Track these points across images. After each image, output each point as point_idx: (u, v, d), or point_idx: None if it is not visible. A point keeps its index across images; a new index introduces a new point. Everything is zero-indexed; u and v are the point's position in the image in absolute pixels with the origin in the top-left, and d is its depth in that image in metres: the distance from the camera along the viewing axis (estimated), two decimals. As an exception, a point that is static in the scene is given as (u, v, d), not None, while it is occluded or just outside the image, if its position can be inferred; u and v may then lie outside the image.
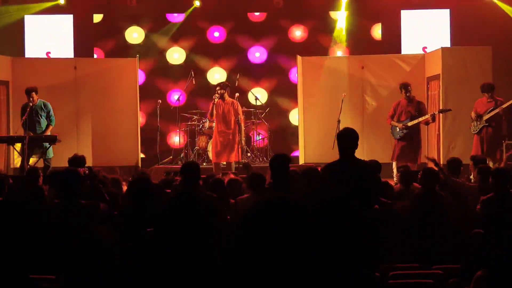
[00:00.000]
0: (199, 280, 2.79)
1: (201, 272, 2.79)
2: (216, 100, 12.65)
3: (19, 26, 15.70)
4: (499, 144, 12.11)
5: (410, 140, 12.37)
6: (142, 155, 15.12)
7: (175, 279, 2.81)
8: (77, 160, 9.31)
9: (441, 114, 13.11)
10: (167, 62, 16.88)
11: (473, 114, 11.98)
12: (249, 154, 14.84)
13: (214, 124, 13.24)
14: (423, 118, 12.33)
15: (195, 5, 16.00)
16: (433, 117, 12.50)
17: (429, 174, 7.45)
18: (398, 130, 12.43)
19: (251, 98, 15.81)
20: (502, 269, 4.12)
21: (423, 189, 7.40)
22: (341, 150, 6.52)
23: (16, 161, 13.24)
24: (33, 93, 12.51)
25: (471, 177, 9.90)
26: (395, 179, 11.66)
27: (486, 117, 11.76)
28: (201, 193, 6.59)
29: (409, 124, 12.31)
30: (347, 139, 6.50)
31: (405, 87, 12.53)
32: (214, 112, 12.74)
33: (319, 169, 7.69)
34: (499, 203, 6.94)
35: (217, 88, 12.75)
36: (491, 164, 11.12)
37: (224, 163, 13.10)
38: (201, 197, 3.03)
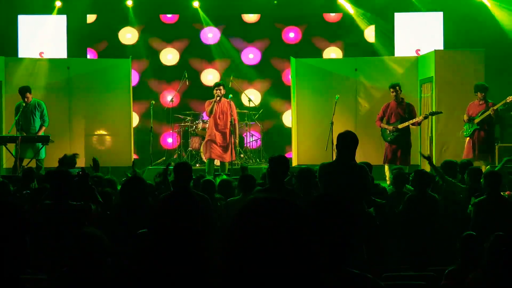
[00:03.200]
0: (193, 278, 2.79)
1: (195, 270, 2.78)
2: (218, 98, 12.66)
3: (13, 26, 15.65)
4: (491, 147, 12.13)
5: (401, 143, 12.36)
6: (135, 156, 15.09)
7: (168, 278, 2.81)
8: (67, 160, 9.29)
9: (433, 117, 13.14)
10: (161, 63, 16.86)
11: (465, 117, 11.99)
12: (242, 155, 14.84)
13: (207, 124, 13.21)
14: (416, 120, 12.34)
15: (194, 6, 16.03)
16: (425, 118, 12.60)
17: (421, 176, 7.46)
18: (388, 132, 12.43)
19: (244, 100, 15.81)
20: (494, 270, 4.13)
21: (416, 191, 7.42)
22: (340, 152, 6.48)
23: (8, 161, 13.20)
24: (27, 93, 12.51)
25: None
26: (388, 182, 11.66)
27: (477, 120, 11.77)
28: (194, 192, 6.59)
29: (400, 126, 12.31)
30: (348, 142, 6.46)
31: (392, 87, 12.51)
32: (213, 110, 12.74)
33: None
34: (491, 206, 6.96)
35: (220, 87, 12.72)
36: (483, 168, 11.13)
37: (218, 164, 13.09)
38: (195, 196, 3.03)
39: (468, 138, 11.97)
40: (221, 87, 12.72)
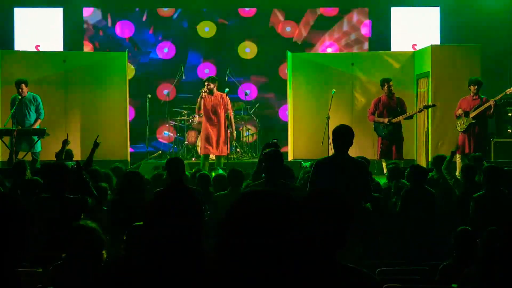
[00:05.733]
0: (188, 271, 2.79)
1: (190, 263, 2.79)
2: (204, 94, 12.61)
3: (9, 19, 15.61)
4: (487, 142, 12.15)
5: (395, 137, 12.38)
6: (131, 150, 15.07)
7: (164, 273, 2.81)
8: (63, 154, 9.26)
9: (429, 111, 13.16)
10: (158, 56, 16.83)
11: (460, 111, 11.91)
12: (238, 150, 14.84)
13: (202, 118, 13.20)
14: (410, 113, 12.47)
15: None
16: (420, 111, 12.77)
17: (416, 170, 7.47)
18: (382, 127, 12.45)
19: (241, 94, 15.80)
20: (489, 266, 4.14)
21: (411, 185, 7.43)
22: (336, 147, 6.48)
23: (4, 154, 13.18)
24: (23, 84, 12.46)
25: (457, 173, 9.97)
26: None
27: (473, 114, 11.75)
28: (188, 187, 6.62)
29: (394, 120, 12.35)
30: (342, 136, 6.46)
31: (387, 82, 12.55)
32: (202, 106, 12.68)
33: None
34: (490, 201, 6.96)
35: (206, 83, 12.71)
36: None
37: (214, 158, 13.07)
38: (189, 191, 3.03)
39: (462, 133, 11.92)
40: (210, 83, 12.66)
